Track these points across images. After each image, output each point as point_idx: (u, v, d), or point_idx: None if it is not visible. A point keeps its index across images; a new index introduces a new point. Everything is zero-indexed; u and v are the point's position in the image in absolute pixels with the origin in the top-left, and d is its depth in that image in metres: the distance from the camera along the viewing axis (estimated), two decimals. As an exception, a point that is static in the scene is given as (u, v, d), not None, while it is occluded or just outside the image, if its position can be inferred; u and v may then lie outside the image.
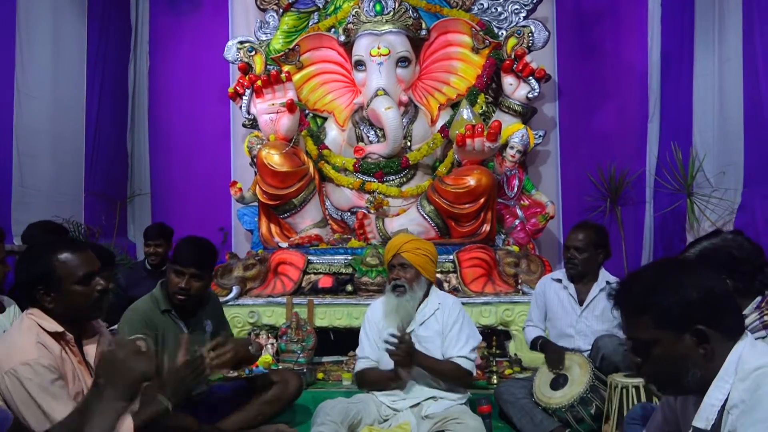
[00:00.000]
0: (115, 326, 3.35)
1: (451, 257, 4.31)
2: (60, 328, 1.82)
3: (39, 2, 4.74)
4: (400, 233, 4.43)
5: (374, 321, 2.87)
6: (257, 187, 4.83)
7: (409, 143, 5.05)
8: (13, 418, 1.74)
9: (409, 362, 2.62)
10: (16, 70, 4.47)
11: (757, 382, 1.24)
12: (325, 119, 5.42)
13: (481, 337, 2.89)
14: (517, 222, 5.03)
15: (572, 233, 3.11)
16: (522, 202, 5.11)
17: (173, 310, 2.63)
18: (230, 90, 5.39)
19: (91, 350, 1.91)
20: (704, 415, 1.30)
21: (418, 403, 2.70)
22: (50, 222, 3.82)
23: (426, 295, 2.81)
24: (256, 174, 4.96)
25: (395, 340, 2.57)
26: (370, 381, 2.81)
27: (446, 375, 2.72)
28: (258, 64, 5.43)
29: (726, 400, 1.27)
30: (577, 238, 3.06)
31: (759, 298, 1.87)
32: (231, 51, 5.53)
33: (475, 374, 2.88)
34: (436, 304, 2.81)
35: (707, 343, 1.30)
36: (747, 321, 1.83)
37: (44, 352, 1.74)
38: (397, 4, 4.99)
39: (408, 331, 2.72)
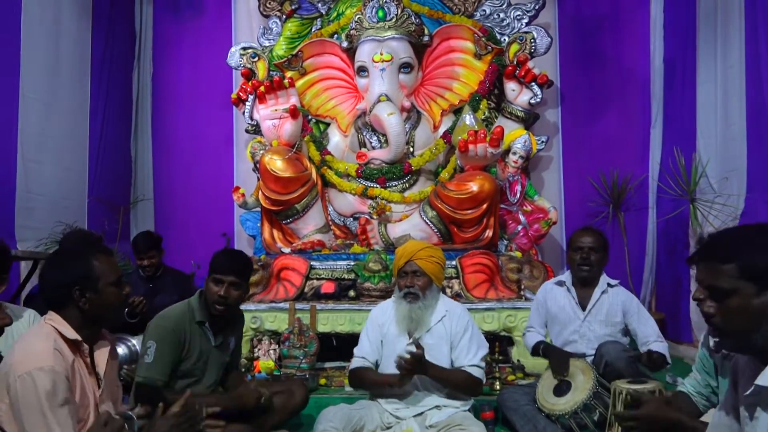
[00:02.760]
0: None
1: (453, 263, 4.31)
2: (78, 336, 1.84)
3: (44, 8, 4.77)
4: (406, 239, 4.45)
5: (378, 323, 2.85)
6: (260, 192, 4.84)
7: (411, 149, 5.06)
8: None
9: (418, 373, 2.61)
10: (22, 75, 4.48)
11: None
12: (327, 125, 5.43)
13: (488, 346, 2.87)
14: (519, 228, 5.03)
15: (582, 236, 3.08)
16: (524, 207, 5.11)
17: (207, 323, 2.63)
18: (233, 96, 5.42)
19: (100, 360, 1.93)
20: None
21: (422, 413, 2.68)
22: (88, 231, 3.90)
23: None
24: (258, 179, 4.97)
25: (408, 349, 2.55)
26: (365, 381, 2.79)
27: (458, 384, 2.70)
28: (261, 70, 5.45)
29: None
30: (590, 240, 3.05)
31: None
32: (234, 57, 5.56)
33: (484, 382, 2.86)
34: (443, 311, 2.78)
35: None
36: None
37: (60, 360, 1.75)
38: (399, 11, 5.02)
39: (415, 338, 2.70)
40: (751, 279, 1.35)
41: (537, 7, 5.35)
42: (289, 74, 5.15)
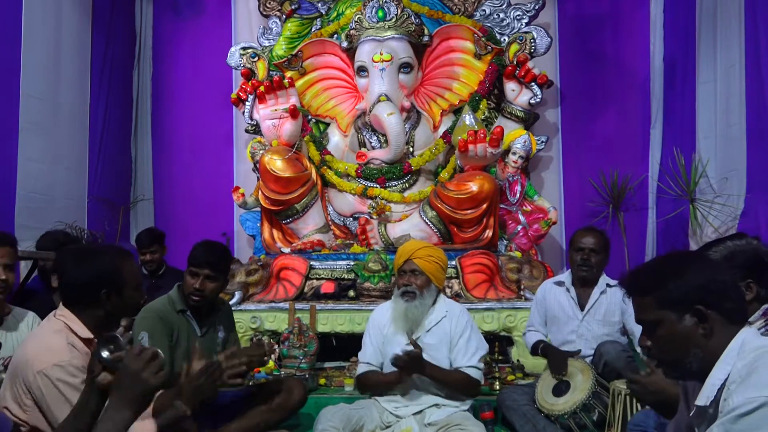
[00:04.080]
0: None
1: (453, 263, 4.30)
2: (90, 335, 1.86)
3: (44, 8, 4.77)
4: (405, 239, 4.45)
5: (378, 325, 2.85)
6: (260, 192, 4.84)
7: (411, 149, 5.06)
8: (12, 425, 1.74)
9: (415, 372, 2.61)
10: (22, 74, 4.48)
11: (754, 357, 1.31)
12: (327, 125, 5.43)
13: (487, 347, 2.87)
14: (519, 228, 5.03)
15: (583, 236, 3.08)
16: (524, 207, 5.11)
17: (188, 311, 2.69)
18: (233, 96, 5.42)
19: None
20: (705, 393, 1.36)
21: (421, 411, 2.69)
22: (64, 231, 3.93)
23: (433, 302, 2.80)
24: (258, 179, 4.98)
25: (407, 349, 2.55)
26: (370, 384, 2.81)
27: (455, 385, 2.70)
28: (261, 70, 5.45)
29: (726, 379, 1.34)
30: (591, 241, 3.05)
31: (766, 306, 1.87)
32: (234, 57, 5.56)
33: (482, 383, 2.87)
34: (443, 311, 2.78)
35: (706, 322, 1.37)
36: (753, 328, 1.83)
37: (75, 353, 1.78)
38: (399, 11, 5.01)
39: (414, 338, 2.71)
40: (669, 307, 1.40)
41: (537, 7, 5.35)
42: (288, 74, 5.14)
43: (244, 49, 5.54)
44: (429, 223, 4.61)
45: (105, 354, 1.53)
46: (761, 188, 4.04)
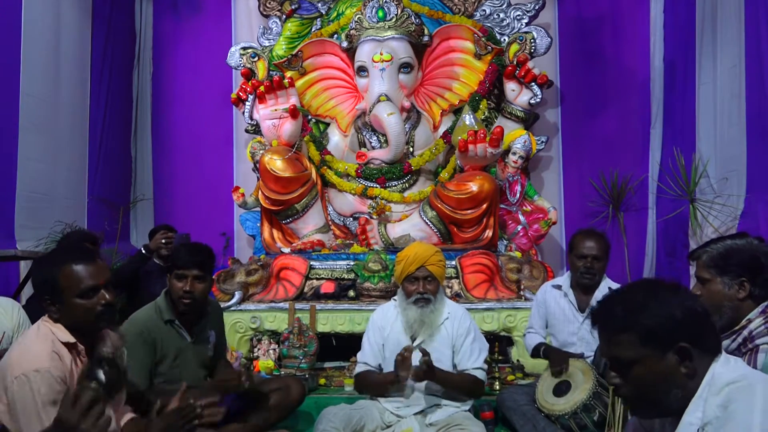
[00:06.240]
0: None
1: (453, 263, 4.30)
2: (72, 339, 1.81)
3: (44, 8, 4.77)
4: (405, 239, 4.45)
5: (378, 327, 2.85)
6: (260, 192, 4.84)
7: (411, 149, 5.06)
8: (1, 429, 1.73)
9: (428, 380, 2.62)
10: (22, 74, 4.48)
11: (728, 397, 1.25)
12: (327, 125, 5.43)
13: (488, 347, 2.88)
14: (519, 228, 5.03)
15: (586, 242, 3.01)
16: (524, 207, 5.11)
17: (177, 320, 2.61)
18: (233, 96, 5.43)
19: None
20: None
21: (422, 411, 2.69)
22: (86, 232, 3.96)
23: None
24: (258, 179, 4.98)
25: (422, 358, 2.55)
26: (369, 384, 2.80)
27: (463, 388, 2.71)
28: (261, 70, 5.45)
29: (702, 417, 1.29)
30: (594, 247, 2.99)
31: (765, 303, 1.87)
32: (234, 57, 5.56)
33: (486, 383, 2.87)
34: (445, 313, 2.80)
35: (690, 360, 1.31)
36: (752, 326, 1.83)
37: (57, 362, 1.74)
38: (399, 11, 5.02)
39: (418, 341, 2.71)
40: (651, 344, 1.31)
41: (537, 7, 5.35)
42: (288, 74, 5.14)
43: (244, 49, 5.54)
44: (429, 223, 4.61)
45: (102, 376, 1.43)
46: (761, 188, 4.04)
